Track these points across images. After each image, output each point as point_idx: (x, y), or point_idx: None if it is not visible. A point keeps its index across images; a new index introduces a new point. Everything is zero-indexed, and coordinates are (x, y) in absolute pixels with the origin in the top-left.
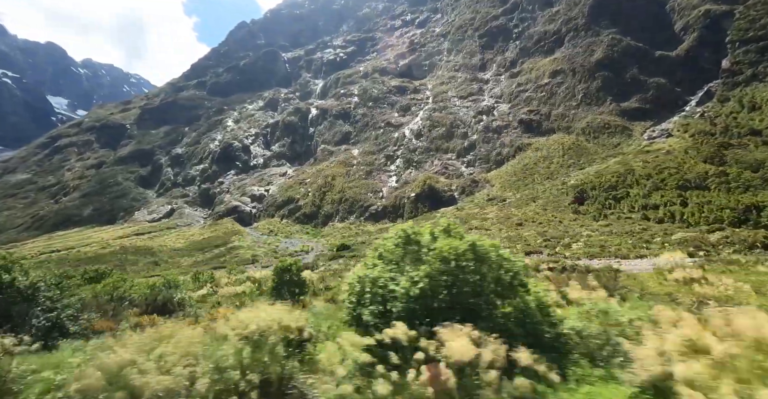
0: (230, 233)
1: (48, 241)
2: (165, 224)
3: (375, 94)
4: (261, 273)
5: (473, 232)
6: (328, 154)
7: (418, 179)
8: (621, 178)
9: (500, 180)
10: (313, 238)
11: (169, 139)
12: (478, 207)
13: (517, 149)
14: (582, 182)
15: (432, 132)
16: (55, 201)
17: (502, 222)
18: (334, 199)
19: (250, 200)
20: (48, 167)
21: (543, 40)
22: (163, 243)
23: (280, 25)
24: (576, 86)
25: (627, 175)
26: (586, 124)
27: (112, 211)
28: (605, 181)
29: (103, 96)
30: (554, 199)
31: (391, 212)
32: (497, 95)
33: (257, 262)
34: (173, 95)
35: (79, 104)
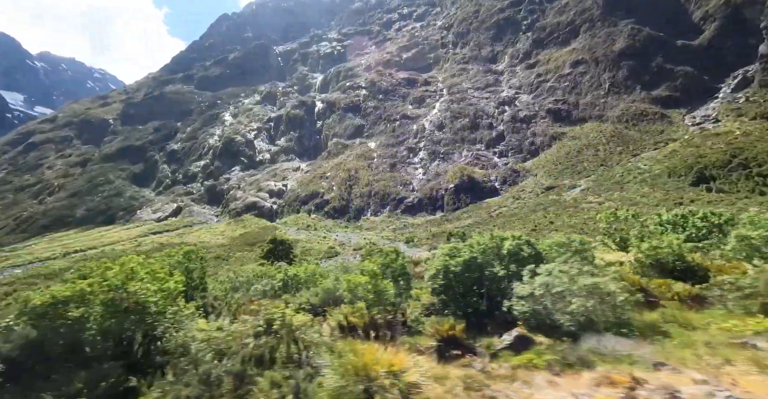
0: (266, 229)
1: (50, 244)
2: (180, 222)
3: (384, 86)
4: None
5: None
6: (343, 148)
7: (450, 171)
8: (718, 158)
9: (543, 169)
10: (356, 231)
11: (161, 134)
12: (534, 196)
13: (551, 138)
14: (684, 163)
15: (455, 123)
16: (38, 201)
17: (639, 206)
18: (362, 193)
19: (268, 196)
20: (23, 166)
21: (556, 31)
22: (197, 240)
23: (268, 18)
24: (601, 75)
25: (714, 155)
26: (621, 112)
27: (109, 211)
28: (708, 161)
29: (64, 92)
30: (654, 181)
31: (427, 204)
32: (516, 86)
33: (339, 254)
34: (158, 89)
35: (37, 100)
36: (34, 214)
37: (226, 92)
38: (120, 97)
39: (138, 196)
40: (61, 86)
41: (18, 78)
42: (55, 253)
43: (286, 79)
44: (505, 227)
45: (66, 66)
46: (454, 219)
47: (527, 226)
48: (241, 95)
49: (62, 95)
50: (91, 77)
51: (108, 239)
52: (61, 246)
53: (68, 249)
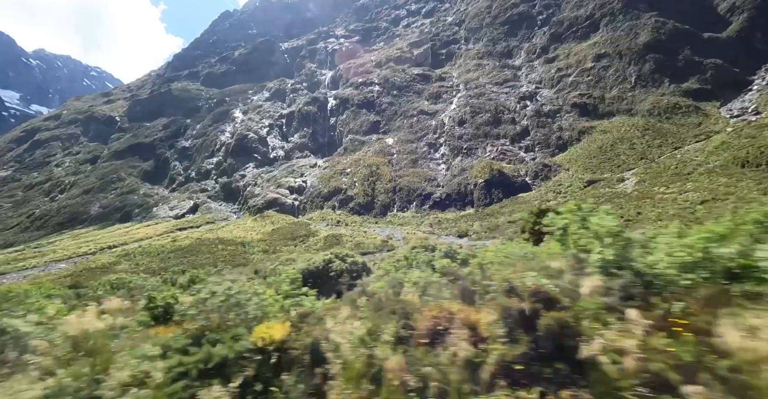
0: (298, 224)
1: (75, 240)
2: (201, 219)
3: (398, 82)
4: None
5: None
6: (359, 144)
7: (476, 166)
8: None
9: (577, 163)
10: (390, 227)
11: (170, 131)
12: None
13: (580, 133)
14: (747, 154)
15: (476, 118)
16: (50, 199)
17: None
18: (387, 189)
19: (288, 192)
20: (30, 163)
21: (575, 25)
22: (229, 235)
23: (271, 14)
24: (626, 69)
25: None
26: (651, 105)
27: (125, 208)
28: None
29: (60, 90)
30: (726, 172)
31: (456, 200)
32: (536, 81)
33: (393, 249)
34: (164, 86)
35: (33, 98)
36: (47, 211)
37: (233, 89)
38: (123, 94)
39: (152, 194)
40: (57, 84)
41: (13, 76)
42: (90, 248)
43: (293, 76)
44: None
45: (61, 63)
46: (492, 214)
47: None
48: (248, 92)
49: (58, 93)
50: (87, 75)
51: (135, 235)
52: (89, 242)
53: (99, 245)
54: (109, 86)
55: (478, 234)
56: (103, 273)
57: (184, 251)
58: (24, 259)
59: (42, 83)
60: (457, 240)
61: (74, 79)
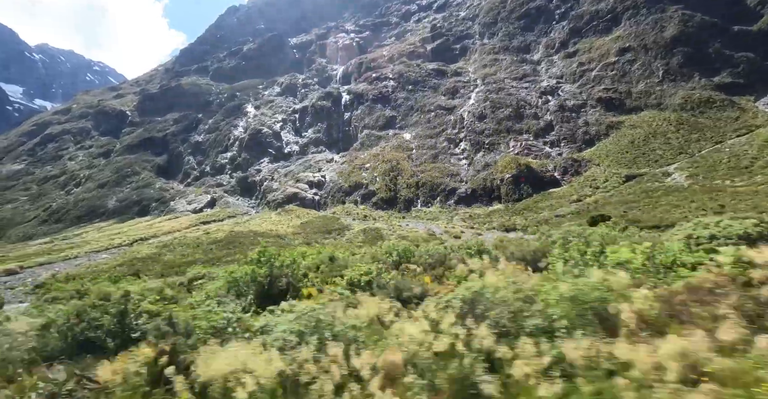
0: (325, 219)
1: (101, 233)
2: (222, 213)
3: (413, 77)
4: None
5: None
6: (376, 139)
7: (501, 161)
8: None
9: (608, 158)
10: (420, 221)
11: (182, 126)
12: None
13: (608, 127)
14: None
15: (497, 113)
16: (66, 192)
17: None
18: (409, 184)
19: (308, 187)
20: (43, 157)
21: (595, 19)
22: (260, 228)
23: (279, 9)
24: (652, 63)
25: None
26: (683, 100)
27: (142, 202)
28: None
29: (63, 85)
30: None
31: (482, 195)
32: (557, 75)
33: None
34: (174, 81)
35: (36, 93)
36: (64, 204)
37: (243, 84)
38: (132, 88)
39: (167, 188)
40: (60, 79)
41: (16, 70)
42: (123, 240)
43: (303, 71)
44: (665, 210)
45: (64, 58)
46: (527, 208)
47: (688, 207)
48: (259, 87)
49: (61, 88)
50: (90, 70)
51: (162, 228)
52: (117, 234)
53: (131, 237)
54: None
55: (529, 227)
56: (154, 262)
57: (224, 243)
58: (61, 250)
59: (45, 78)
60: (507, 234)
61: (77, 73)
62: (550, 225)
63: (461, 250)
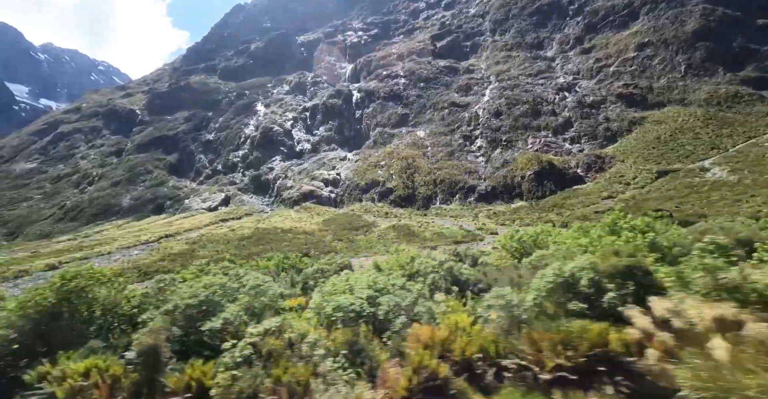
0: (347, 216)
1: (121, 230)
2: (238, 211)
3: (424, 75)
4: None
5: None
6: (389, 137)
7: (520, 158)
8: None
9: (633, 154)
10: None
11: (192, 124)
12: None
13: (630, 123)
14: None
15: (513, 110)
16: (80, 191)
17: None
18: (426, 181)
19: (323, 185)
20: (55, 155)
21: (611, 14)
22: (282, 225)
23: (285, 8)
24: (674, 58)
25: None
26: (709, 95)
27: (157, 200)
28: None
29: (67, 84)
30: None
31: (502, 192)
32: (573, 72)
33: (481, 240)
34: (183, 80)
35: (41, 92)
36: (79, 203)
37: (251, 82)
38: (140, 87)
39: (180, 186)
40: (65, 78)
41: (21, 70)
42: (149, 237)
43: (312, 69)
44: (715, 209)
45: (69, 58)
46: (557, 205)
47: (753, 201)
48: (267, 85)
49: (66, 87)
50: (95, 69)
51: (182, 225)
52: (139, 231)
53: (156, 234)
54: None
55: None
56: (188, 258)
57: (254, 239)
58: (91, 246)
59: (50, 77)
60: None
61: (82, 73)
62: (592, 221)
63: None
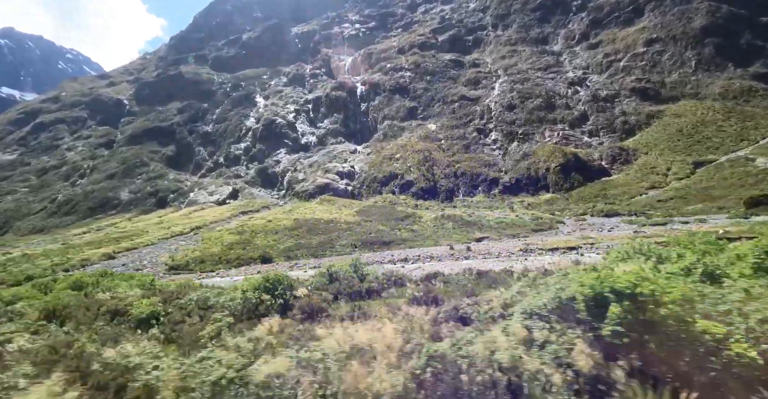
0: (378, 207)
1: (132, 223)
2: (252, 203)
3: (430, 68)
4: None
5: None
6: (399, 130)
7: (541, 151)
8: None
9: (657, 146)
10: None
11: (187, 116)
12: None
13: (648, 117)
14: None
15: (526, 103)
16: (71, 184)
17: None
18: (447, 174)
19: (338, 177)
20: (36, 147)
21: (616, 10)
22: (312, 216)
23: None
24: (683, 53)
25: None
26: (723, 89)
27: (158, 194)
28: None
29: (32, 73)
30: None
31: (527, 184)
32: (582, 66)
33: (553, 228)
34: (171, 69)
35: (2, 80)
36: (72, 196)
37: (246, 74)
38: (124, 77)
39: (182, 179)
40: (29, 66)
41: None
42: (180, 229)
43: (308, 61)
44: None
45: (33, 44)
46: (593, 195)
47: None
48: (263, 77)
49: (30, 76)
50: (63, 57)
51: (204, 217)
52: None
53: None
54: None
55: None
56: (250, 246)
57: (303, 230)
58: (128, 237)
59: (12, 65)
60: (605, 219)
61: (48, 61)
62: (659, 209)
63: None
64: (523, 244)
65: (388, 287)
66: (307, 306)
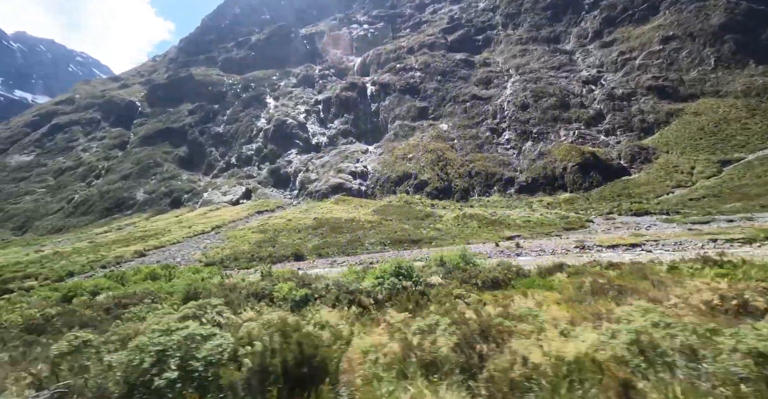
0: (395, 207)
1: (155, 223)
2: (266, 203)
3: (440, 68)
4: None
5: None
6: (410, 130)
7: (557, 150)
8: None
9: (679, 145)
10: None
11: (198, 117)
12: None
13: (667, 115)
14: None
15: (540, 103)
16: (86, 184)
17: None
18: (461, 174)
19: (352, 177)
20: (52, 148)
21: (630, 8)
22: (330, 215)
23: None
24: (701, 51)
25: None
26: (745, 87)
27: (172, 194)
28: None
29: (43, 75)
30: None
31: (543, 184)
32: (596, 65)
33: (585, 227)
34: (182, 71)
35: (15, 83)
36: (89, 197)
37: (255, 75)
38: (136, 79)
39: (195, 179)
40: (40, 69)
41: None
42: (202, 228)
43: (316, 62)
44: None
45: (44, 48)
46: (616, 194)
47: None
48: (273, 78)
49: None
50: (73, 60)
51: (222, 217)
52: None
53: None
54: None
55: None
56: (275, 245)
57: (326, 228)
58: (154, 236)
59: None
60: (636, 218)
61: (59, 64)
62: (692, 207)
63: None
64: (576, 241)
65: (510, 277)
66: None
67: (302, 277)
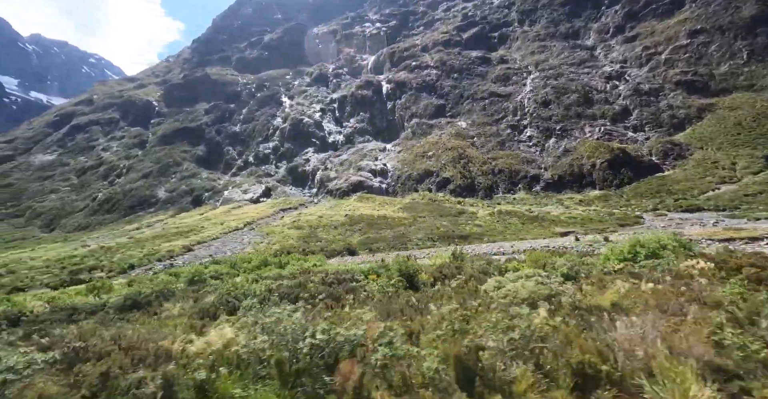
0: (428, 204)
1: (183, 220)
2: (288, 201)
3: (457, 65)
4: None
5: None
6: (428, 128)
7: (583, 147)
8: None
9: (714, 141)
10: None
11: (214, 116)
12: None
13: (699, 110)
14: None
15: (562, 99)
16: (109, 183)
17: None
18: (484, 171)
19: (372, 175)
20: (73, 148)
21: (654, 2)
22: (357, 212)
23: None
24: (732, 44)
25: None
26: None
27: (194, 192)
28: None
29: (58, 76)
30: None
31: (570, 181)
32: (619, 60)
33: (638, 223)
34: (198, 71)
35: (31, 85)
36: (112, 195)
37: (269, 74)
38: (152, 79)
39: (214, 178)
40: (55, 70)
41: (9, 61)
42: (234, 225)
43: (330, 61)
44: None
45: (58, 49)
46: (640, 194)
47: None
48: (287, 77)
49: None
50: (86, 62)
51: (249, 214)
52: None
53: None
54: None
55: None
56: (318, 240)
57: (362, 225)
58: (194, 232)
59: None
60: (688, 214)
61: (72, 65)
62: (751, 203)
63: None
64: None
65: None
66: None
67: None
